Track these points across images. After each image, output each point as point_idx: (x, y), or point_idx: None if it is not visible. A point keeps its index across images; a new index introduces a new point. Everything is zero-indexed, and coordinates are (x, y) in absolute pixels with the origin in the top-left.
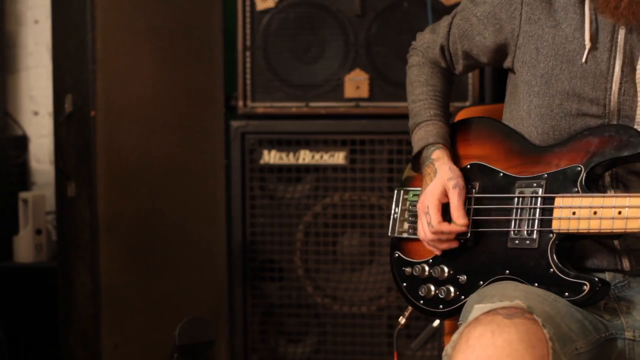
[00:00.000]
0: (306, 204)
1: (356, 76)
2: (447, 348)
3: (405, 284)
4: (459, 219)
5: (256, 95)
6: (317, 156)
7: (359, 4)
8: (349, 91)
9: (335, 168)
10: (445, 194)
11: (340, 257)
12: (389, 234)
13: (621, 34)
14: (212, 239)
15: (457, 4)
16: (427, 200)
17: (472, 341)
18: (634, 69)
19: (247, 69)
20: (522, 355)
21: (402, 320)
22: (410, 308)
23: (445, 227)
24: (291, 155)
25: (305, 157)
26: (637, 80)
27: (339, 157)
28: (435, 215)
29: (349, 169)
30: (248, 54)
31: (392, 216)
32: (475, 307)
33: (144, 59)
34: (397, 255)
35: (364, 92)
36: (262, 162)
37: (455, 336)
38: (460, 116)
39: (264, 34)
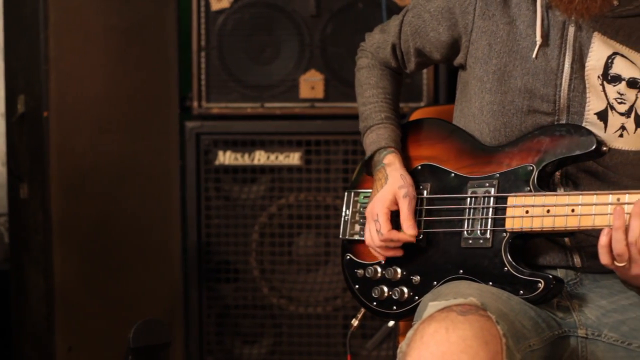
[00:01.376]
0: (261, 204)
1: (311, 77)
2: (402, 345)
3: (357, 286)
4: (409, 229)
5: (211, 96)
6: (273, 157)
7: (314, 5)
8: (304, 92)
9: (290, 169)
10: (395, 202)
11: (296, 258)
12: (340, 237)
13: (571, 31)
14: (167, 240)
15: None
16: (377, 208)
17: (426, 338)
18: (583, 66)
19: (202, 70)
20: (475, 351)
21: (355, 322)
22: (363, 310)
23: (395, 235)
24: (246, 156)
25: (261, 157)
26: (586, 77)
27: (294, 158)
28: (384, 224)
29: (304, 169)
30: (203, 54)
31: (342, 218)
32: (430, 304)
33: (98, 59)
34: (348, 257)
35: (319, 92)
36: (217, 162)
37: (410, 333)
38: (414, 116)
39: (218, 35)
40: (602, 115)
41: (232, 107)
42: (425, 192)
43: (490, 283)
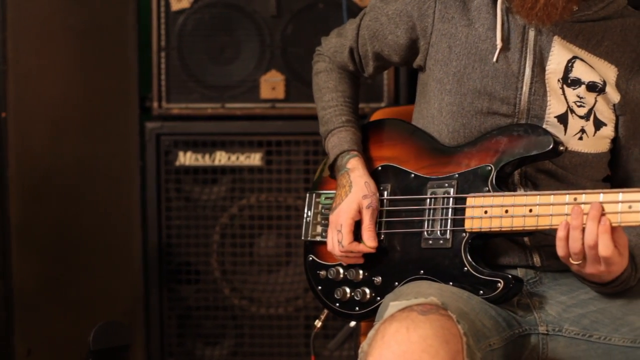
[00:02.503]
0: (222, 205)
1: (272, 77)
2: (364, 345)
3: (320, 287)
4: (369, 241)
5: (171, 97)
6: (233, 157)
7: (274, 5)
8: (265, 92)
9: (251, 169)
10: (359, 211)
11: (257, 259)
12: (302, 238)
13: (531, 35)
14: (127, 241)
15: None
16: (341, 219)
17: (387, 337)
18: (543, 70)
19: (162, 70)
20: (436, 350)
21: (318, 323)
22: (326, 311)
23: (355, 247)
24: (207, 156)
25: (221, 158)
26: (546, 81)
27: (255, 158)
28: (347, 236)
29: (265, 170)
30: (163, 54)
31: (304, 220)
32: (391, 304)
33: (57, 59)
34: (311, 258)
35: (280, 93)
36: (177, 163)
37: (371, 333)
38: (375, 117)
39: (179, 35)
40: (563, 119)
41: (192, 108)
42: (385, 192)
43: (451, 283)
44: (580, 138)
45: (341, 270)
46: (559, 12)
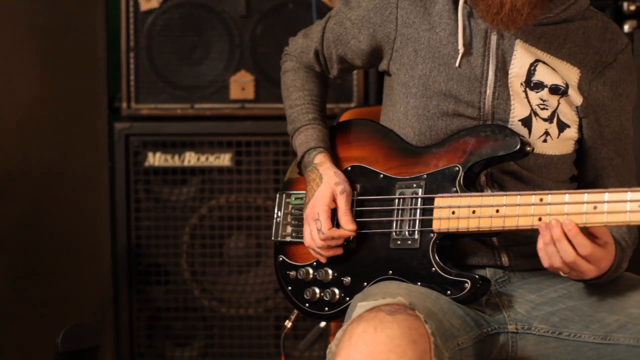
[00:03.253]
0: (192, 206)
1: (241, 77)
2: (332, 345)
3: (290, 288)
4: (347, 224)
5: (140, 97)
6: (203, 158)
7: (243, 5)
8: (235, 92)
9: (221, 170)
10: (333, 199)
11: (227, 260)
12: (272, 238)
13: (493, 39)
14: (96, 243)
15: None
16: (317, 207)
17: (355, 337)
18: (506, 74)
19: (130, 70)
20: (404, 350)
21: (288, 324)
22: (296, 311)
23: (335, 232)
24: (176, 157)
25: (191, 159)
26: (509, 85)
27: (224, 159)
28: (325, 222)
29: (235, 170)
30: (132, 54)
31: (275, 220)
32: (359, 305)
33: (25, 60)
34: (281, 259)
35: (250, 93)
36: (146, 164)
37: (339, 333)
38: (345, 117)
39: (147, 35)
40: (527, 122)
41: (161, 108)
42: (355, 193)
43: (419, 283)
44: (545, 140)
45: (311, 271)
46: (524, 18)
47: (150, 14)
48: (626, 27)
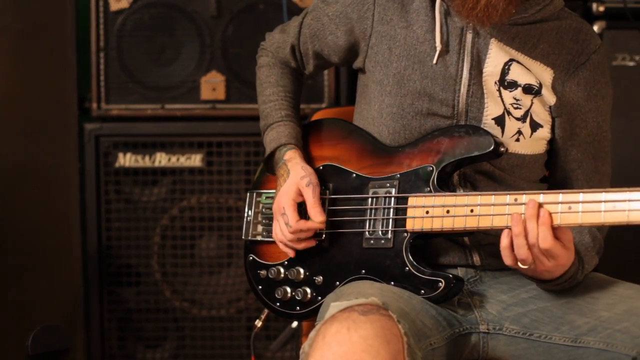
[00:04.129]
0: (163, 207)
1: (212, 78)
2: (305, 346)
3: (260, 287)
4: (317, 216)
5: (110, 97)
6: (174, 159)
7: (214, 5)
8: (205, 93)
9: (192, 170)
10: (299, 193)
11: (198, 260)
12: (243, 237)
13: (469, 38)
14: (66, 244)
15: None
16: (282, 201)
17: (328, 338)
18: (480, 72)
19: (100, 71)
20: (377, 350)
21: (258, 323)
22: (266, 311)
23: (303, 224)
24: (147, 158)
25: (162, 159)
26: (483, 83)
27: (195, 160)
28: (292, 215)
29: (206, 171)
30: (102, 55)
31: (245, 219)
32: (332, 305)
33: None
34: (251, 258)
35: (221, 94)
36: (117, 165)
37: (312, 334)
38: (316, 118)
39: (118, 35)
40: (500, 120)
41: (132, 109)
42: (327, 192)
43: (392, 283)
44: (517, 140)
45: (282, 270)
46: (499, 13)
47: (121, 14)
48: (595, 28)
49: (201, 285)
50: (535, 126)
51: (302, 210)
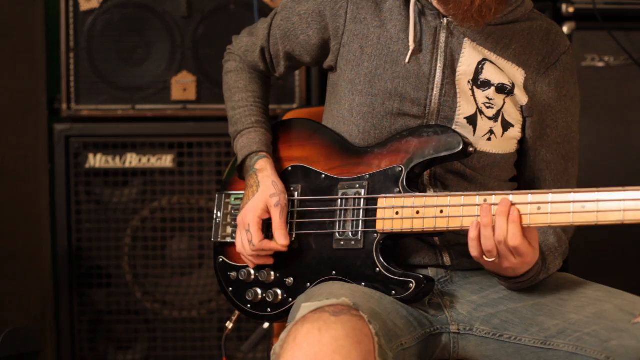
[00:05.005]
0: (134, 208)
1: (183, 78)
2: (276, 347)
3: (231, 289)
4: (281, 239)
5: (81, 98)
6: (145, 159)
7: (185, 6)
8: (176, 93)
9: (163, 171)
10: (266, 210)
11: (170, 262)
12: (212, 239)
13: (442, 37)
14: (36, 245)
15: None
16: (248, 218)
17: (299, 339)
18: (454, 72)
19: (70, 71)
20: (348, 351)
21: (229, 325)
22: (237, 312)
23: (267, 245)
24: (117, 158)
25: (132, 160)
26: (456, 82)
27: (166, 160)
28: (256, 234)
29: (177, 172)
30: (72, 55)
31: (214, 221)
32: (303, 306)
33: None
34: (221, 260)
35: (191, 94)
36: (87, 166)
37: (283, 335)
38: (286, 118)
39: (88, 35)
40: (472, 120)
41: (102, 109)
42: (296, 193)
43: (363, 283)
44: (489, 139)
45: (252, 272)
46: (492, 13)
47: (91, 14)
48: (565, 29)
49: (172, 286)
50: (506, 126)
51: (267, 226)
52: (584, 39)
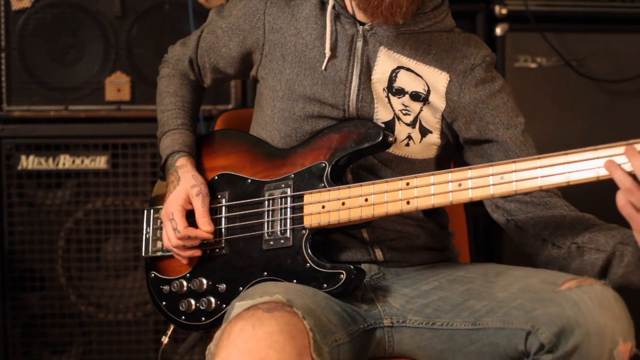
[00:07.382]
0: (67, 210)
1: (117, 79)
2: (211, 346)
3: (164, 303)
4: (205, 225)
5: (12, 99)
6: (78, 161)
7: (119, 5)
8: (110, 94)
9: (96, 172)
10: (188, 200)
11: (104, 264)
12: (143, 255)
13: (359, 45)
14: None
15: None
16: (171, 207)
17: (233, 336)
18: (369, 78)
19: (2, 71)
20: (282, 345)
21: (165, 339)
22: (172, 326)
23: (192, 231)
24: (50, 160)
25: (66, 162)
26: (372, 89)
27: (100, 162)
28: (180, 220)
29: (111, 173)
30: (3, 55)
31: (143, 236)
32: (236, 304)
33: None
34: (153, 275)
35: (126, 94)
36: (19, 167)
37: (217, 333)
38: (222, 119)
39: (19, 35)
40: (390, 125)
41: (34, 110)
42: (224, 200)
43: (295, 281)
44: (408, 144)
45: (185, 283)
46: (402, 12)
47: (22, 14)
48: (498, 31)
49: (107, 289)
50: (424, 132)
51: (191, 220)
52: (516, 41)
